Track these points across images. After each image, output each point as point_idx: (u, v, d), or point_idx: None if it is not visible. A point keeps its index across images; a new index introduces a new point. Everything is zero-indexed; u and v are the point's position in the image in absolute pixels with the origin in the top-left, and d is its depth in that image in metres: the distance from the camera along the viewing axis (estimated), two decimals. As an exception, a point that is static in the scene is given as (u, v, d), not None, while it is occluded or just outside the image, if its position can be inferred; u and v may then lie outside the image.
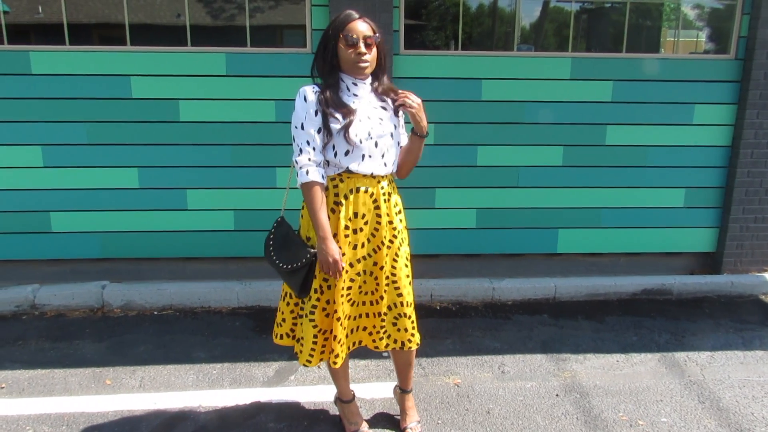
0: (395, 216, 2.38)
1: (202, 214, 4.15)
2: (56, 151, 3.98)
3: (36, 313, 3.82)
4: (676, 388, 3.04)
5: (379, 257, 2.35)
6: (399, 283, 2.39)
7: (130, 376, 3.12)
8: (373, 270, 2.37)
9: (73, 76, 3.87)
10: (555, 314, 3.89)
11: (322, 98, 2.21)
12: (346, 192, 2.29)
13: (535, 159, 4.23)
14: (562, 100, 4.15)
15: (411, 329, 2.45)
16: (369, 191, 2.30)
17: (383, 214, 2.33)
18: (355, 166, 2.26)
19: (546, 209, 4.32)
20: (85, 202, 4.07)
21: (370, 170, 2.28)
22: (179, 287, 3.94)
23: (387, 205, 2.35)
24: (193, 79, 3.93)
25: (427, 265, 4.25)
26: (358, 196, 2.29)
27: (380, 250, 2.34)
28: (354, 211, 2.29)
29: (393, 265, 2.37)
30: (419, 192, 4.19)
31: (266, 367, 3.20)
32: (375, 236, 2.34)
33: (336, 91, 2.25)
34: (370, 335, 2.49)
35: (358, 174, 2.28)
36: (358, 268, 2.35)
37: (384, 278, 2.37)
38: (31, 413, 2.79)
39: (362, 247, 2.33)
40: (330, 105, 2.21)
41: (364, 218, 2.31)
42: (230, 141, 4.03)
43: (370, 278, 2.38)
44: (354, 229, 2.31)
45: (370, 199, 2.31)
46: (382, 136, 2.27)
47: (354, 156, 2.25)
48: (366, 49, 2.21)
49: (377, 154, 2.28)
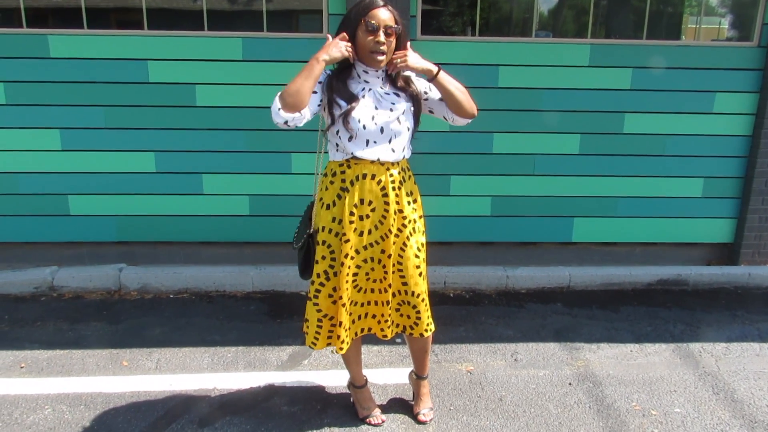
0: (407, 205, 2.35)
1: (218, 198, 4.17)
2: (74, 134, 4.01)
3: (54, 295, 3.88)
4: (690, 379, 3.03)
5: (386, 245, 2.34)
6: (405, 272, 2.37)
7: (147, 357, 3.16)
8: (380, 258, 2.36)
9: (91, 60, 3.89)
10: (569, 303, 3.88)
11: (330, 83, 2.22)
12: (353, 178, 2.28)
13: (552, 147, 4.20)
14: (580, 87, 4.10)
15: (415, 317, 2.44)
16: (376, 178, 2.29)
17: (391, 202, 2.31)
18: (359, 152, 2.25)
19: (562, 198, 4.29)
20: (103, 185, 4.11)
21: (375, 156, 2.26)
22: (195, 271, 3.98)
23: (397, 193, 2.33)
24: (209, 64, 3.94)
25: (441, 252, 4.25)
26: (365, 183, 2.28)
27: (387, 238, 2.33)
28: (360, 197, 2.29)
29: (400, 254, 2.36)
30: (434, 179, 4.18)
31: (280, 351, 3.23)
32: (382, 224, 2.33)
33: (345, 78, 2.25)
34: (378, 323, 2.50)
35: (364, 160, 2.27)
36: (364, 254, 2.35)
37: (391, 266, 2.36)
38: (50, 392, 2.84)
39: (369, 234, 2.33)
40: (335, 91, 2.22)
41: (370, 205, 2.30)
42: (246, 126, 4.04)
43: (378, 266, 2.38)
44: (360, 216, 2.30)
45: (377, 186, 2.29)
46: (388, 123, 2.25)
47: (358, 142, 2.24)
48: (385, 38, 2.18)
49: (383, 140, 2.26)
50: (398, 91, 2.31)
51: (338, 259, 2.33)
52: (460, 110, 2.32)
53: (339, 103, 2.22)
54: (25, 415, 2.68)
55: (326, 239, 2.35)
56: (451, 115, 2.35)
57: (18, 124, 3.98)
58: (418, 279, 2.40)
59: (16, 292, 3.87)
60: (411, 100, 2.32)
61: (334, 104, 2.22)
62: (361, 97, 2.25)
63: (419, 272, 2.40)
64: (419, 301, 2.42)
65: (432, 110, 2.40)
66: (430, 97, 2.37)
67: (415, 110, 2.34)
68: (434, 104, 2.38)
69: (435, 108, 2.38)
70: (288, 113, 2.13)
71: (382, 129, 2.24)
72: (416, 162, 2.54)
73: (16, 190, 4.09)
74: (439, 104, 2.36)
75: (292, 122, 2.15)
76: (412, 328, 2.47)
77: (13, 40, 3.84)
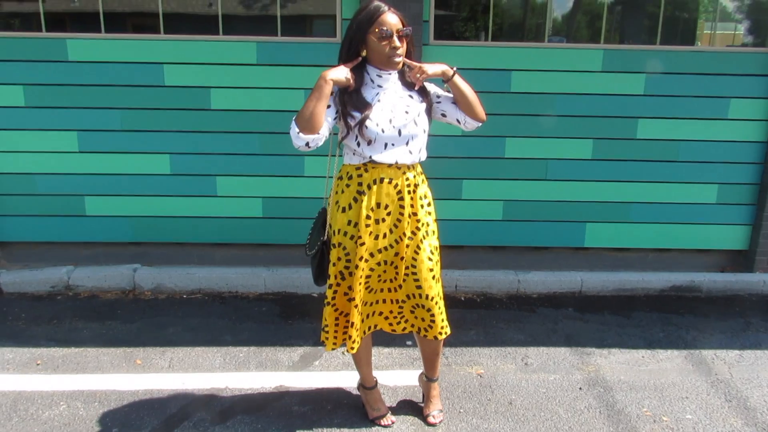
0: (420, 208, 2.38)
1: (232, 200, 4.21)
2: (91, 136, 4.07)
3: (70, 294, 3.94)
4: (703, 386, 3.02)
5: (399, 248, 2.36)
6: (419, 275, 2.39)
7: (160, 356, 3.20)
8: (393, 260, 2.39)
9: (108, 64, 3.96)
10: (580, 308, 3.88)
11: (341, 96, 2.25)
12: (370, 182, 2.31)
13: (565, 152, 4.19)
14: (593, 92, 4.10)
15: (429, 320, 2.45)
16: (393, 182, 2.31)
17: (406, 206, 2.34)
18: (378, 156, 2.27)
19: (574, 203, 4.29)
20: (119, 186, 4.16)
21: (393, 159, 2.29)
22: (208, 272, 4.02)
23: (412, 196, 2.35)
24: (224, 68, 3.98)
25: (453, 256, 4.26)
26: (382, 187, 2.31)
27: (401, 241, 2.35)
28: (377, 201, 2.31)
29: (413, 257, 2.38)
30: (446, 183, 4.19)
31: (291, 352, 3.26)
32: (397, 227, 2.35)
33: (358, 86, 2.27)
34: (386, 320, 2.53)
35: (382, 164, 2.29)
36: (378, 258, 2.37)
37: (403, 268, 2.38)
38: (65, 389, 2.89)
39: (384, 237, 2.35)
40: (349, 103, 2.24)
41: (386, 209, 2.33)
42: (260, 129, 4.08)
43: (390, 267, 2.40)
44: (376, 219, 2.33)
45: (393, 190, 2.32)
46: (405, 125, 2.28)
47: (377, 146, 2.27)
48: (399, 42, 2.21)
49: (401, 143, 2.29)
50: (411, 91, 2.35)
51: (353, 261, 2.35)
52: (472, 111, 2.36)
53: (353, 114, 2.25)
54: (41, 411, 2.73)
55: (341, 242, 2.37)
56: (464, 117, 2.38)
57: (36, 126, 4.05)
58: (431, 282, 2.41)
59: (33, 290, 3.94)
60: (425, 101, 2.36)
61: (348, 116, 2.25)
62: (377, 101, 2.27)
63: (432, 275, 2.41)
64: (432, 304, 2.43)
65: (444, 113, 2.42)
66: (443, 100, 2.41)
67: (428, 112, 2.37)
68: (447, 107, 2.40)
69: (447, 111, 2.41)
70: (307, 135, 2.17)
71: (400, 131, 2.27)
72: (428, 166, 2.55)
73: (34, 190, 4.16)
74: (452, 107, 2.39)
75: (312, 143, 2.19)
76: (426, 330, 2.48)
77: (33, 44, 3.92)
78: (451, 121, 2.43)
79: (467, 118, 2.38)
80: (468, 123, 2.39)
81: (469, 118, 2.38)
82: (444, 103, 2.41)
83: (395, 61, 2.23)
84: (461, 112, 2.38)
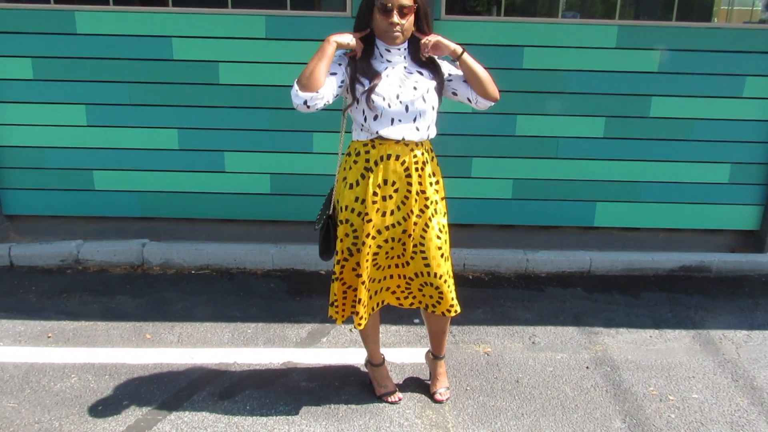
0: (429, 186, 2.37)
1: (239, 176, 4.21)
2: (99, 110, 4.07)
3: (80, 268, 3.97)
4: (710, 366, 3.02)
5: (407, 225, 2.36)
6: (427, 253, 2.39)
7: (169, 331, 3.24)
8: (401, 237, 2.39)
9: (116, 37, 3.93)
10: (589, 288, 3.88)
11: (353, 62, 2.26)
12: (377, 158, 2.31)
13: (576, 130, 4.16)
14: (606, 69, 4.05)
15: (438, 297, 2.46)
16: (400, 159, 2.31)
17: (414, 183, 2.33)
18: (384, 131, 2.27)
19: (584, 181, 4.26)
20: (127, 161, 4.17)
21: (400, 135, 2.28)
22: (216, 248, 4.04)
23: (420, 174, 2.35)
24: (232, 42, 3.95)
25: (461, 234, 4.25)
26: (389, 164, 2.30)
27: (409, 218, 2.35)
28: (384, 177, 2.31)
29: (422, 235, 2.38)
30: (455, 161, 4.17)
31: (299, 329, 3.28)
32: (405, 204, 2.35)
33: (368, 57, 2.28)
34: (393, 294, 2.56)
35: (389, 141, 2.29)
36: (386, 235, 2.38)
37: (411, 246, 2.39)
38: (76, 362, 2.93)
39: (391, 214, 2.35)
40: (357, 70, 2.25)
41: (394, 185, 2.33)
42: (268, 104, 4.05)
43: (398, 244, 2.41)
44: (383, 196, 2.33)
45: (401, 167, 2.32)
46: (413, 101, 2.27)
47: (383, 120, 2.26)
48: (400, 18, 2.19)
49: (408, 119, 2.28)
50: (422, 68, 2.33)
51: (360, 238, 2.36)
52: (484, 91, 2.33)
53: (362, 81, 2.25)
54: (53, 383, 2.77)
55: (349, 218, 2.37)
56: (475, 97, 2.35)
57: (45, 99, 4.04)
58: (440, 260, 2.42)
59: (43, 264, 3.97)
60: (435, 78, 2.33)
61: (356, 82, 2.25)
62: (385, 76, 2.27)
63: (441, 253, 2.42)
64: (441, 282, 2.44)
65: (456, 92, 2.40)
66: (455, 78, 2.38)
67: (438, 89, 2.34)
68: (458, 85, 2.38)
69: (459, 89, 2.39)
70: (305, 93, 2.18)
71: (407, 107, 2.26)
72: (437, 143, 2.54)
73: (43, 164, 4.17)
74: (464, 85, 2.37)
75: (311, 102, 2.19)
76: (434, 306, 2.50)
77: (41, 16, 3.89)
78: (462, 100, 2.41)
79: (479, 97, 2.35)
80: (480, 102, 2.36)
81: (480, 98, 2.35)
82: (455, 82, 2.38)
83: (392, 36, 2.22)
84: (472, 91, 2.35)
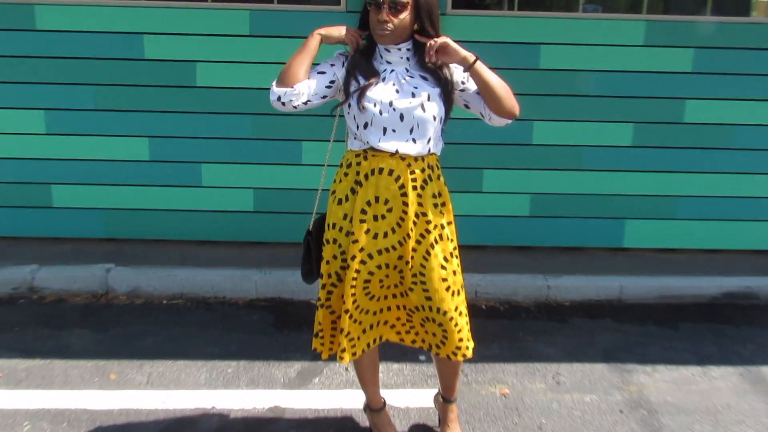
0: (432, 208, 2.33)
1: (219, 191, 4.20)
2: (60, 116, 4.06)
3: (34, 297, 3.91)
4: (762, 408, 2.98)
5: (404, 251, 2.32)
6: (428, 285, 2.34)
7: (137, 371, 3.17)
8: (397, 264, 2.35)
9: (81, 33, 3.94)
10: (620, 318, 3.85)
11: (353, 59, 2.28)
12: (368, 171, 2.28)
13: (601, 137, 4.17)
14: (633, 69, 4.07)
15: (441, 336, 2.40)
16: (394, 174, 2.27)
17: (411, 203, 2.29)
18: (375, 141, 2.24)
19: (612, 196, 4.27)
20: (91, 174, 4.15)
21: (393, 147, 2.25)
22: (191, 274, 3.99)
23: (420, 194, 2.30)
24: (212, 39, 3.96)
25: (472, 257, 4.21)
26: (380, 179, 2.27)
27: (405, 243, 2.31)
28: (375, 194, 2.28)
29: (422, 263, 2.33)
30: (464, 173, 4.17)
31: (287, 368, 3.23)
32: (400, 227, 2.31)
33: (369, 56, 2.30)
34: (393, 328, 2.51)
35: (383, 153, 2.26)
36: (378, 260, 2.33)
37: (410, 275, 2.34)
38: (29, 407, 2.86)
39: (384, 237, 2.31)
40: (356, 66, 2.27)
41: (387, 204, 2.29)
42: (252, 110, 4.06)
43: (394, 272, 2.37)
44: (374, 216, 2.29)
45: (395, 184, 2.28)
46: (410, 110, 2.23)
47: (374, 129, 2.24)
48: (392, 15, 2.17)
49: (403, 129, 2.24)
50: (426, 73, 2.29)
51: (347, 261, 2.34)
52: (498, 107, 2.27)
53: (357, 79, 2.26)
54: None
55: (336, 238, 2.35)
56: (488, 113, 2.32)
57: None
58: (444, 294, 2.35)
59: (-8, 293, 3.91)
60: (441, 85, 2.29)
61: (351, 79, 2.26)
62: (382, 78, 2.26)
63: (446, 286, 2.35)
64: (445, 319, 2.37)
65: (468, 104, 2.38)
66: (468, 89, 2.34)
67: (444, 97, 2.30)
68: (471, 97, 2.35)
69: (472, 102, 2.36)
70: (279, 87, 2.21)
71: (402, 116, 2.24)
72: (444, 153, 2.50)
73: (-6, 178, 4.16)
74: (477, 98, 2.34)
75: (285, 98, 2.22)
76: (438, 347, 2.44)
77: (-6, 10, 3.89)
78: (475, 113, 2.39)
79: (491, 113, 2.30)
80: (493, 119, 2.32)
81: (494, 114, 2.30)
82: (468, 93, 2.35)
83: (378, 33, 2.21)
84: (485, 106, 2.30)
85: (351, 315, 2.34)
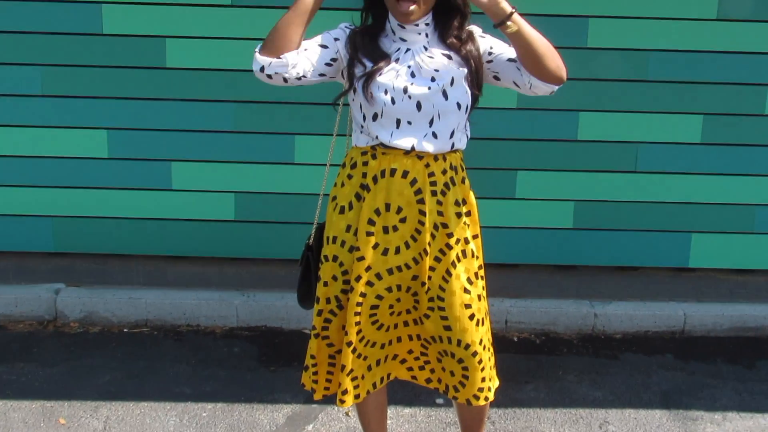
0: (455, 218, 2.33)
1: (192, 196, 4.23)
2: (0, 103, 4.10)
3: (-33, 324, 3.96)
4: None
5: (420, 270, 2.32)
6: (448, 312, 2.33)
7: (92, 414, 3.20)
8: (411, 285, 2.35)
9: (26, 2, 3.96)
10: (683, 355, 3.86)
11: (354, 39, 2.25)
12: (377, 173, 2.27)
13: (662, 133, 4.19)
14: (704, 49, 4.09)
15: (461, 375, 2.40)
16: (409, 176, 2.26)
17: (430, 212, 2.29)
18: (386, 136, 2.23)
19: (675, 204, 4.29)
20: (36, 174, 4.19)
21: (409, 143, 2.23)
22: (158, 296, 4.03)
23: (440, 200, 2.30)
24: (185, 10, 3.99)
25: (502, 279, 4.24)
26: (392, 182, 2.26)
27: (422, 260, 2.31)
28: (386, 201, 2.27)
29: (441, 285, 2.33)
30: (493, 175, 4.19)
31: (274, 411, 3.25)
32: (416, 241, 2.30)
33: (377, 33, 2.27)
34: (403, 363, 2.51)
35: (395, 150, 2.25)
36: (388, 281, 2.32)
37: (426, 299, 2.34)
38: (-40, 458, 2.91)
39: (396, 253, 2.30)
40: (360, 48, 2.23)
41: (400, 213, 2.28)
42: (234, 96, 4.09)
43: (407, 295, 2.37)
44: (384, 227, 2.29)
45: (410, 189, 2.27)
46: (429, 96, 2.22)
47: (385, 122, 2.23)
48: None
49: (421, 121, 2.24)
50: (449, 51, 2.30)
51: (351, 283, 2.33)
52: (541, 69, 2.21)
53: (363, 62, 2.23)
54: (-73, 488, 2.75)
55: (337, 254, 2.35)
56: (528, 78, 2.24)
57: (-76, 89, 4.09)
58: (467, 323, 2.35)
59: None
60: (467, 64, 2.31)
61: (356, 63, 2.23)
62: (394, 60, 2.25)
63: (470, 314, 2.35)
64: (468, 355, 2.37)
65: (498, 75, 2.33)
66: (496, 58, 2.31)
67: (472, 79, 2.30)
68: (502, 66, 2.30)
69: (503, 72, 2.31)
70: (265, 56, 2.15)
71: (419, 105, 2.22)
72: (469, 151, 2.50)
73: None
74: (509, 66, 2.29)
75: (270, 69, 2.15)
76: (456, 390, 2.44)
77: None
78: (508, 85, 2.33)
79: (533, 78, 2.24)
80: (535, 86, 2.25)
81: (537, 79, 2.24)
82: (497, 61, 2.31)
83: (401, 11, 2.17)
84: (523, 72, 2.27)
85: (354, 349, 2.34)
